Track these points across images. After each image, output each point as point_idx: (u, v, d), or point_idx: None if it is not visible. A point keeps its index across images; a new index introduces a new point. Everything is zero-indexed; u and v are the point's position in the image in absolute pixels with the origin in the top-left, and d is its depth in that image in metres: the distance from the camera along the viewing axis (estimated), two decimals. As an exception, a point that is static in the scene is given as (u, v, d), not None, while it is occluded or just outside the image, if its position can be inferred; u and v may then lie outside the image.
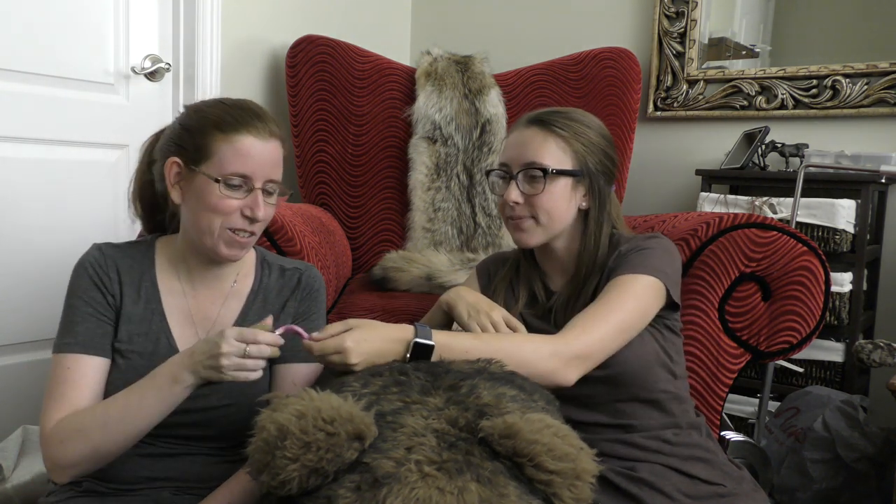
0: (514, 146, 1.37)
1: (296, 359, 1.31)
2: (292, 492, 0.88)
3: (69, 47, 2.01)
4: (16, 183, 1.93)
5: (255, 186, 1.21)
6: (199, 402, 1.21)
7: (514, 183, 1.35)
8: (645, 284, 1.28)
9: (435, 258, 2.12)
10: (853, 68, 2.36)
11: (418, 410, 0.96)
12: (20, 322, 1.94)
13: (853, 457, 1.94)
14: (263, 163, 1.21)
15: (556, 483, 0.90)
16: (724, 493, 1.28)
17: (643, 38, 2.71)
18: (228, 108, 1.23)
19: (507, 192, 1.35)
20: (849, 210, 2.16)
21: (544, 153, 1.34)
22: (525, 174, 1.34)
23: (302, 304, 1.35)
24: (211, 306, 1.30)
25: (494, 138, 2.32)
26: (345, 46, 2.44)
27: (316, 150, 2.38)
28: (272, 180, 1.24)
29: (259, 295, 1.33)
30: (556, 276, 1.43)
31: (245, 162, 1.20)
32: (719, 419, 1.60)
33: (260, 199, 1.21)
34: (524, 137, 1.36)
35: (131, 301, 1.27)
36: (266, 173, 1.22)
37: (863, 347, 1.83)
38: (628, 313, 1.25)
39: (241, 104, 1.25)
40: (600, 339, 1.22)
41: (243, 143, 1.20)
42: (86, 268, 1.27)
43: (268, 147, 1.22)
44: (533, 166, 1.33)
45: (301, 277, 1.36)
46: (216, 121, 1.21)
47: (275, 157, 1.24)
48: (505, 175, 1.38)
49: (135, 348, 1.25)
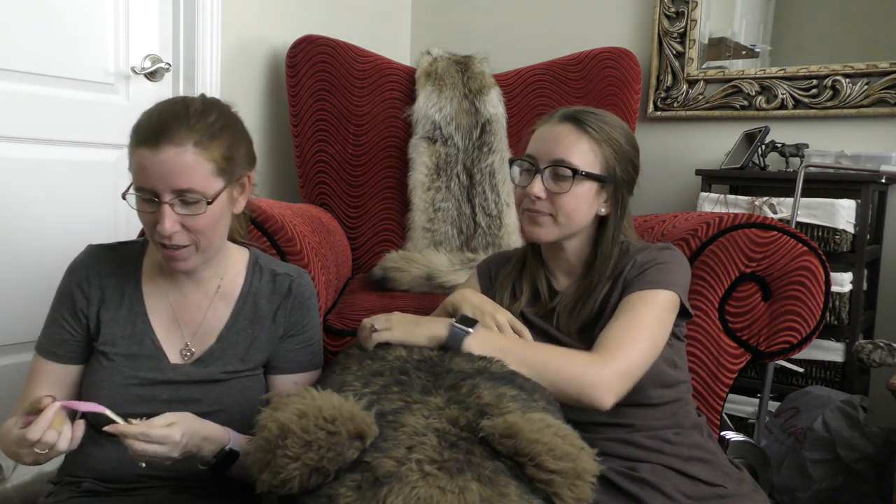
0: (545, 140, 1.34)
1: (297, 370, 1.33)
2: (293, 491, 0.88)
3: (69, 47, 2.01)
4: (16, 183, 1.93)
5: (163, 200, 1.14)
6: (190, 408, 1.22)
7: (539, 177, 1.32)
8: (665, 299, 1.29)
9: (435, 258, 2.12)
10: (853, 68, 2.36)
11: (419, 410, 0.96)
12: (20, 322, 1.94)
13: (853, 457, 1.94)
14: (160, 174, 1.13)
15: (557, 483, 0.90)
16: (724, 495, 1.28)
17: (643, 38, 2.71)
18: (142, 118, 1.18)
19: (532, 185, 1.32)
20: (849, 210, 2.16)
21: (575, 152, 1.31)
22: (552, 171, 1.32)
23: (293, 314, 1.33)
24: (196, 309, 1.30)
25: (494, 138, 2.31)
26: (345, 46, 2.44)
27: (316, 150, 2.38)
28: (184, 189, 1.14)
29: (249, 299, 1.32)
30: (562, 276, 1.43)
31: (142, 176, 1.15)
32: (719, 419, 1.60)
33: (165, 213, 1.14)
34: (556, 133, 1.33)
35: (114, 304, 1.28)
36: (169, 184, 1.13)
37: (863, 347, 1.83)
38: (655, 330, 1.26)
39: (152, 111, 1.19)
40: (635, 359, 1.23)
41: (138, 156, 1.15)
42: (71, 271, 1.31)
43: (160, 157, 1.12)
44: (562, 164, 1.31)
45: (291, 285, 1.33)
46: (132, 132, 1.18)
47: (173, 166, 1.13)
48: (530, 167, 1.35)
49: (119, 350, 1.26)
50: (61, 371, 1.28)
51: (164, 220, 1.14)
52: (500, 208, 2.27)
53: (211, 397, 1.25)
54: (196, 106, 1.19)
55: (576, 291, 1.37)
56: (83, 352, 1.29)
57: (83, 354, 1.29)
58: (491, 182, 2.28)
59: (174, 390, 1.25)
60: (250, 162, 1.27)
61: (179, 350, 1.28)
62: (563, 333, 1.36)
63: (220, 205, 1.19)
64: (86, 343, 1.29)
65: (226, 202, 1.21)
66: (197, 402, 1.24)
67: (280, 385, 1.32)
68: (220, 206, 1.19)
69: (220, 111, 1.22)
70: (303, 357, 1.35)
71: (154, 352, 1.26)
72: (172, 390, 1.25)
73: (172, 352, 1.28)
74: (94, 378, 1.25)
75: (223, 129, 1.19)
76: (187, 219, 1.16)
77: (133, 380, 1.24)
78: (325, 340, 1.73)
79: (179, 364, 1.27)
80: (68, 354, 1.28)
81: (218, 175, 1.17)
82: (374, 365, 1.13)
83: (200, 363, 1.27)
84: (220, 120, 1.19)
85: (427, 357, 1.16)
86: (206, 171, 1.15)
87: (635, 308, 1.27)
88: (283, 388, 1.30)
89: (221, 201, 1.19)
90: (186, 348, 1.28)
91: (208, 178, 1.16)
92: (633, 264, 1.33)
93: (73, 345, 1.28)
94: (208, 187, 1.16)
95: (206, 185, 1.16)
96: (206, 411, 1.24)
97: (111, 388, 1.23)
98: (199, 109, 1.18)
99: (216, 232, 1.22)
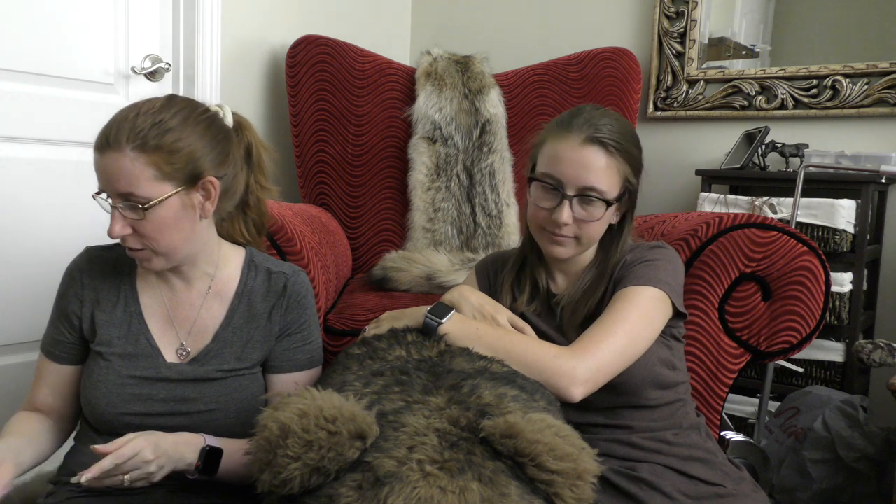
0: (571, 164, 1.28)
1: (296, 368, 1.33)
2: (294, 491, 0.88)
3: (69, 47, 2.01)
4: (16, 183, 1.93)
5: (113, 203, 1.16)
6: (187, 407, 1.23)
7: (566, 203, 1.28)
8: (650, 296, 1.28)
9: (435, 258, 2.12)
10: (853, 68, 2.37)
11: (420, 410, 0.96)
12: (20, 322, 1.94)
13: (853, 457, 1.94)
14: (105, 178, 1.15)
15: (558, 483, 0.90)
16: (723, 494, 1.28)
17: (643, 38, 2.72)
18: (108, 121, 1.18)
19: (559, 212, 1.28)
20: (849, 210, 2.16)
21: (604, 179, 1.28)
22: (582, 199, 1.29)
23: (289, 313, 1.32)
24: (189, 307, 1.30)
25: (494, 138, 2.32)
26: (345, 46, 2.44)
27: (316, 150, 2.38)
28: (124, 193, 1.14)
29: (244, 298, 1.31)
30: (562, 276, 1.43)
31: (98, 178, 1.17)
32: (719, 419, 1.60)
33: (113, 216, 1.16)
34: (585, 158, 1.28)
35: (109, 304, 1.29)
36: (112, 188, 1.15)
37: (863, 347, 1.83)
38: (635, 325, 1.25)
39: (115, 116, 1.18)
40: (609, 354, 1.22)
41: (94, 159, 1.16)
42: (66, 274, 1.32)
43: (104, 161, 1.14)
44: (593, 193, 1.28)
45: (286, 283, 1.32)
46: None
47: (114, 170, 1.13)
48: (555, 190, 1.30)
49: (115, 350, 1.26)
50: (60, 371, 1.31)
51: (112, 222, 1.16)
52: (500, 208, 2.27)
53: (208, 396, 1.25)
54: (148, 107, 1.17)
55: (576, 292, 1.38)
56: (78, 353, 1.30)
57: (78, 356, 1.31)
58: (491, 182, 2.28)
59: (171, 389, 1.25)
60: (217, 166, 1.22)
61: (175, 349, 1.28)
62: (562, 333, 1.36)
63: (167, 210, 1.16)
64: (80, 345, 1.30)
65: (178, 207, 1.18)
66: (193, 401, 1.24)
67: (279, 384, 1.32)
68: (168, 211, 1.16)
69: (179, 111, 1.18)
70: (301, 356, 1.34)
71: (150, 351, 1.27)
72: (169, 389, 1.25)
73: (168, 350, 1.28)
74: (92, 378, 1.26)
75: (172, 130, 1.16)
76: (136, 223, 1.16)
77: (129, 379, 1.24)
78: (325, 340, 1.73)
79: (176, 363, 1.27)
80: (64, 355, 1.30)
81: (162, 179, 1.15)
82: (375, 365, 1.13)
83: (196, 362, 1.27)
84: (172, 120, 1.16)
85: (427, 357, 1.16)
86: (147, 176, 1.14)
87: (616, 304, 1.28)
88: (283, 388, 1.30)
89: (170, 206, 1.16)
90: (182, 347, 1.28)
91: (150, 183, 1.14)
92: (623, 263, 1.34)
93: (67, 346, 1.30)
94: (150, 192, 1.14)
95: (147, 191, 1.14)
96: (202, 410, 1.25)
97: (108, 388, 1.24)
98: (153, 110, 1.16)
99: (170, 236, 1.19)
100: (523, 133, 2.36)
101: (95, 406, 1.24)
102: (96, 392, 1.24)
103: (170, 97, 1.22)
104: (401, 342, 1.21)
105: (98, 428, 1.28)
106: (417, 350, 1.19)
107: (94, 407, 1.25)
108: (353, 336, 1.71)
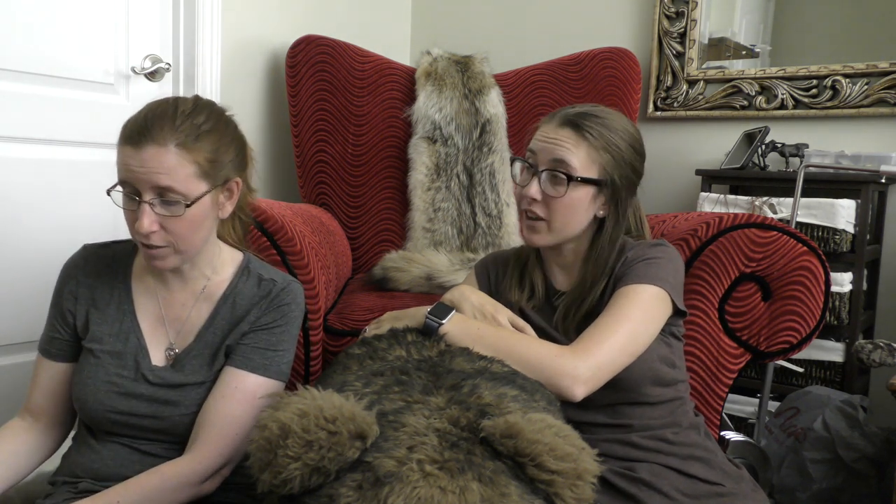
0: (544, 141, 1.34)
1: (247, 367, 1.25)
2: (294, 490, 0.88)
3: (69, 47, 2.01)
4: (16, 183, 1.93)
5: (143, 199, 1.14)
6: (169, 409, 1.23)
7: (536, 179, 1.33)
8: (651, 294, 1.28)
9: (435, 258, 2.12)
10: (853, 68, 2.37)
11: (420, 410, 0.96)
12: (20, 322, 1.94)
13: (853, 457, 1.94)
14: (141, 172, 1.13)
15: (558, 483, 0.90)
16: (723, 493, 1.28)
17: (643, 38, 2.72)
18: (131, 116, 1.18)
19: (529, 186, 1.33)
20: (849, 210, 2.16)
21: (573, 158, 1.31)
22: (549, 173, 1.32)
23: (266, 314, 1.27)
24: (181, 307, 1.30)
25: (494, 138, 2.32)
26: (345, 46, 2.44)
27: (316, 150, 2.38)
28: (164, 188, 1.13)
29: (229, 299, 1.29)
30: (561, 275, 1.43)
31: (123, 171, 1.15)
32: (719, 419, 1.60)
33: (144, 211, 1.14)
34: (556, 136, 1.32)
35: (104, 302, 1.29)
36: (149, 182, 1.13)
37: (863, 347, 1.83)
38: (636, 323, 1.25)
39: (142, 110, 1.18)
40: (610, 353, 1.22)
41: (122, 153, 1.15)
42: (62, 271, 1.33)
43: (141, 155, 1.12)
44: (559, 168, 1.31)
45: (273, 289, 1.29)
46: (120, 129, 1.18)
47: (154, 164, 1.12)
48: (530, 167, 1.35)
49: (105, 348, 1.26)
50: (54, 369, 1.31)
51: (142, 217, 1.14)
52: (500, 208, 2.27)
53: (189, 399, 1.24)
54: (185, 106, 1.18)
55: (574, 291, 1.38)
56: (72, 351, 1.31)
57: (72, 353, 1.31)
58: (491, 182, 2.28)
59: (154, 390, 1.25)
60: (240, 167, 1.25)
61: (164, 348, 1.28)
62: (561, 332, 1.36)
63: (201, 208, 1.17)
64: (74, 342, 1.30)
65: (209, 206, 1.19)
66: (175, 405, 1.24)
67: (223, 378, 1.24)
68: (201, 209, 1.18)
69: (211, 113, 1.21)
70: (257, 357, 1.25)
71: (137, 350, 1.27)
72: (152, 390, 1.25)
73: (157, 350, 1.28)
74: (81, 375, 1.26)
75: (210, 131, 1.18)
76: (166, 219, 1.15)
77: (116, 377, 1.24)
78: (325, 340, 1.73)
79: (160, 366, 1.27)
80: (58, 352, 1.31)
81: (201, 178, 1.16)
82: (375, 365, 1.13)
83: (178, 363, 1.27)
84: (208, 122, 1.18)
85: (427, 357, 1.16)
86: (188, 173, 1.14)
87: (617, 302, 1.28)
88: (221, 386, 1.24)
89: (203, 205, 1.18)
90: (171, 347, 1.28)
91: (190, 180, 1.15)
92: (624, 261, 1.34)
93: (61, 343, 1.30)
94: (190, 189, 1.15)
95: (187, 187, 1.15)
96: (185, 413, 1.24)
97: (96, 385, 1.24)
98: (188, 110, 1.17)
99: (196, 235, 1.20)
100: (523, 133, 2.36)
101: (84, 402, 1.25)
102: (85, 389, 1.25)
103: (196, 97, 1.24)
104: (401, 342, 1.21)
105: (89, 425, 1.28)
106: (417, 350, 1.19)
107: (83, 403, 1.25)
108: (353, 336, 1.71)
